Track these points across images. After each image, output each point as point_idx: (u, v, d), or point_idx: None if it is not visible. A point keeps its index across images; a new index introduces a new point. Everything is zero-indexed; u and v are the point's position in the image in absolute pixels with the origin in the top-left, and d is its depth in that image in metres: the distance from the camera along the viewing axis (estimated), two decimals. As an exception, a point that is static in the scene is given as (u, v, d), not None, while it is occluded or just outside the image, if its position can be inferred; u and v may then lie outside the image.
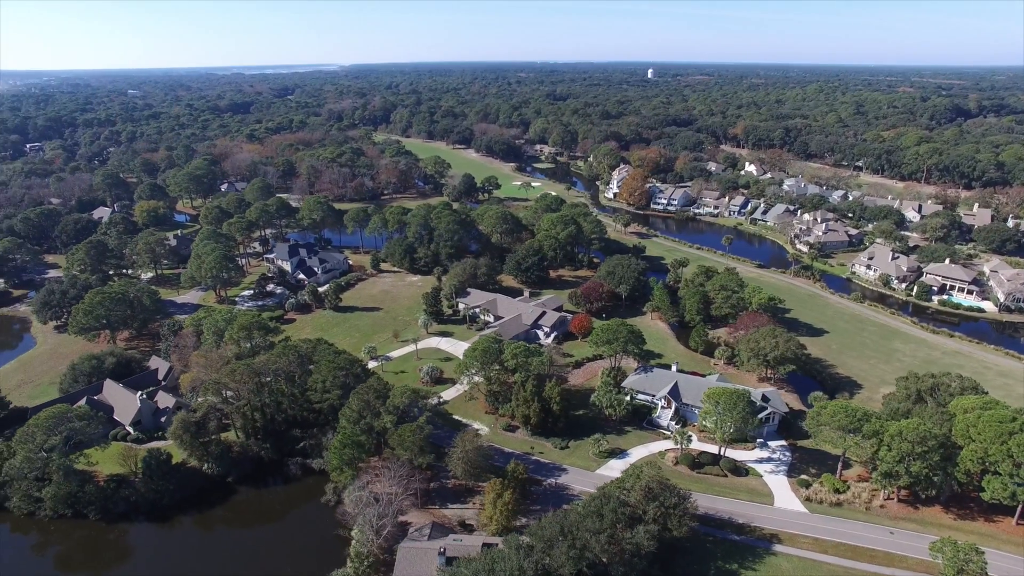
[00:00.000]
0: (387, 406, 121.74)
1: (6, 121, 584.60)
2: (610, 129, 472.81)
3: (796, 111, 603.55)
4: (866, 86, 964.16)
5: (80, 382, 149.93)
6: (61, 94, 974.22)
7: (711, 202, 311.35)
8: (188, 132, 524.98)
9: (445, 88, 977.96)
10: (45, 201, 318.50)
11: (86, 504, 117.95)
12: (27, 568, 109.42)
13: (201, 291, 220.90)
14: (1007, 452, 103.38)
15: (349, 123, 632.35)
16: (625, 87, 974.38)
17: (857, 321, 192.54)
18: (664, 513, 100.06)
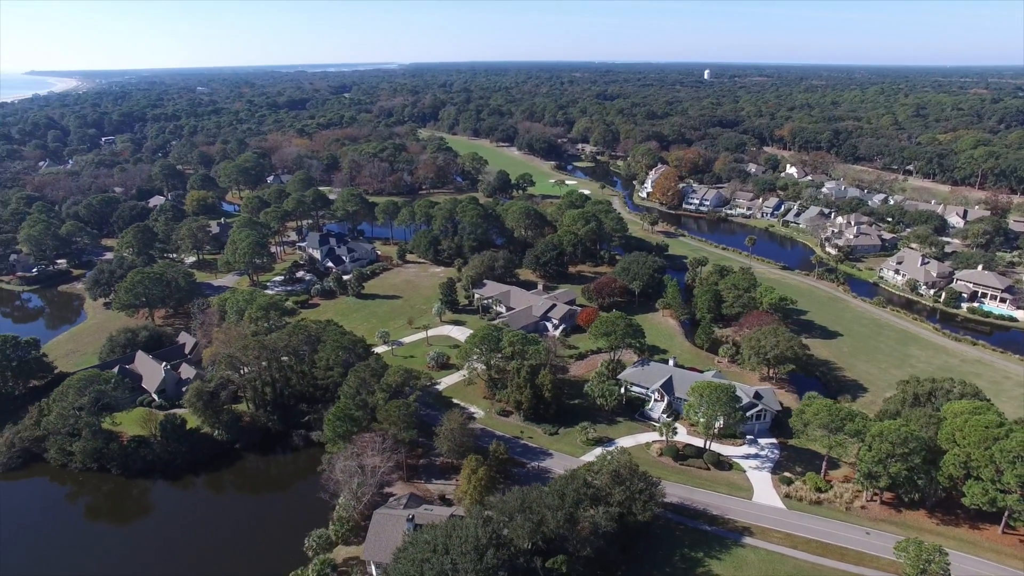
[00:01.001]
0: (381, 384, 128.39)
1: (86, 116, 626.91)
2: (653, 129, 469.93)
3: (850, 113, 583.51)
4: (935, 88, 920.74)
5: (116, 352, 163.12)
6: (138, 91, 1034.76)
7: (744, 203, 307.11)
8: (244, 127, 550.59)
9: (496, 87, 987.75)
10: (109, 190, 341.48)
11: (110, 460, 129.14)
12: (62, 515, 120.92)
13: (237, 276, 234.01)
14: (989, 457, 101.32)
15: (398, 120, 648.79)
16: (678, 87, 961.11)
17: (875, 326, 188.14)
18: (629, 497, 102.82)
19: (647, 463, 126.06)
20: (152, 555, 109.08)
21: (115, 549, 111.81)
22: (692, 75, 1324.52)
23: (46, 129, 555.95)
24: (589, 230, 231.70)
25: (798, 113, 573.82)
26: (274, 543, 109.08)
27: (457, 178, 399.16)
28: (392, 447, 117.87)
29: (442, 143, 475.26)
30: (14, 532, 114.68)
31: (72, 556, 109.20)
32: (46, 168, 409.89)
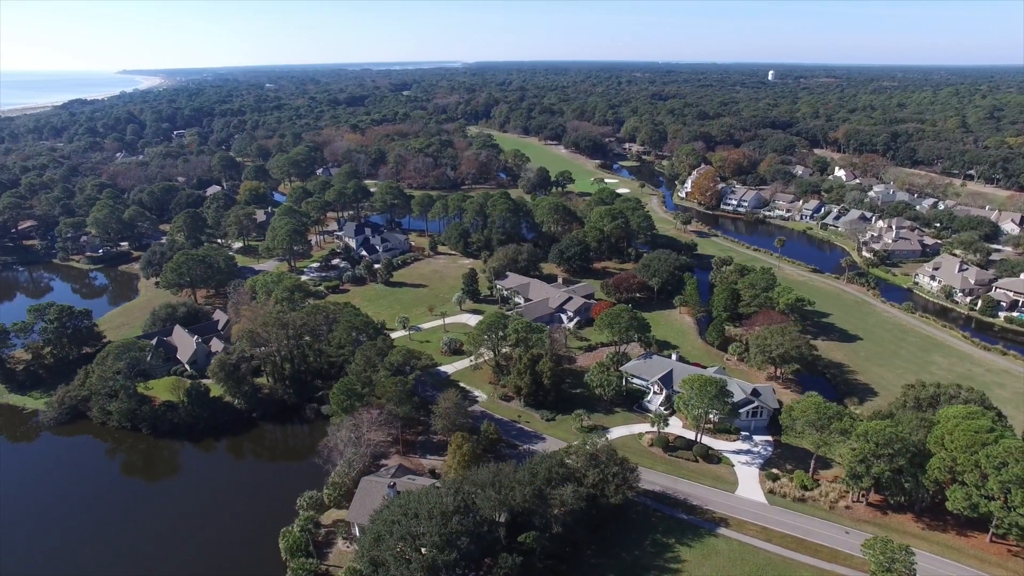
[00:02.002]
0: (384, 363, 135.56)
1: (162, 112, 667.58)
2: (701, 129, 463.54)
3: (915, 115, 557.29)
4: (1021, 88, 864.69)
5: (157, 325, 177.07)
6: (211, 88, 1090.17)
7: (784, 205, 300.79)
8: (303, 122, 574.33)
9: (553, 86, 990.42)
10: (173, 179, 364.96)
11: (142, 420, 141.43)
12: (102, 468, 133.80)
13: (277, 261, 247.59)
14: (975, 462, 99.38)
15: (451, 117, 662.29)
16: (738, 88, 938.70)
17: (899, 331, 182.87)
18: (603, 479, 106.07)
19: (637, 452, 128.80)
20: (170, 507, 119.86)
21: (144, 499, 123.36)
22: (755, 76, 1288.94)
23: (126, 123, 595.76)
24: (615, 227, 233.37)
25: (858, 115, 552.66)
26: (277, 502, 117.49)
27: (501, 174, 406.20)
28: (388, 420, 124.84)
29: (489, 140, 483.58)
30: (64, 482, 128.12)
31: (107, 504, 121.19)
32: (121, 159, 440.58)
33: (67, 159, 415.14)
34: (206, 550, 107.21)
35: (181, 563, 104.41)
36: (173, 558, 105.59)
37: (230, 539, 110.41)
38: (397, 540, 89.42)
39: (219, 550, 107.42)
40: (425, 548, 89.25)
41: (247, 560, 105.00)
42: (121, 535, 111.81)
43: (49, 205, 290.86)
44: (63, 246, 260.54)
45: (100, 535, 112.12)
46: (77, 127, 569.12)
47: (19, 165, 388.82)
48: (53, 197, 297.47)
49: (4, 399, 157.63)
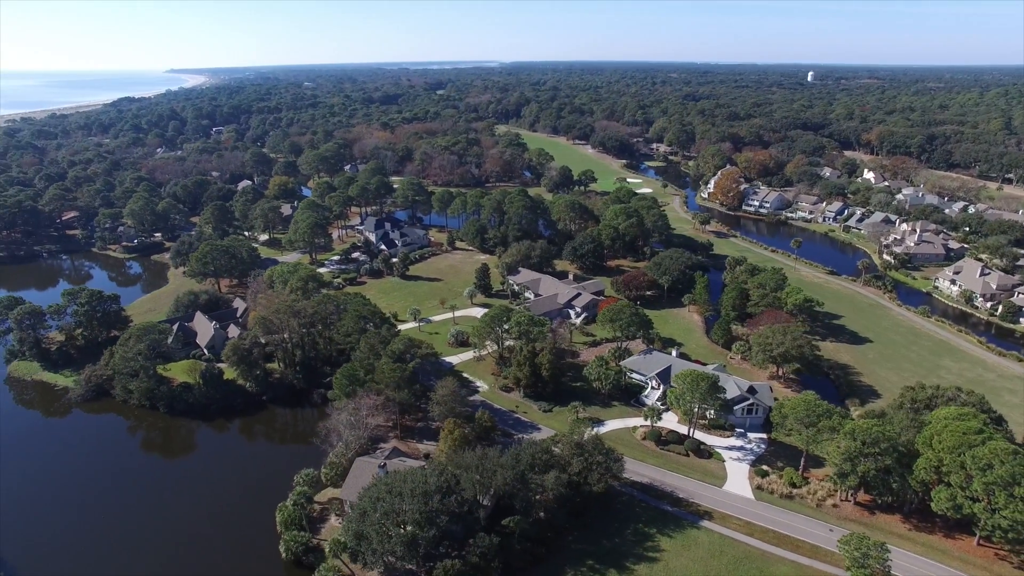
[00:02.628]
0: (387, 350, 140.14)
1: (202, 109, 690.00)
2: (730, 130, 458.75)
3: (957, 117, 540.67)
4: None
5: (180, 311, 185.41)
6: (251, 86, 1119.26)
7: (807, 207, 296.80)
8: (336, 119, 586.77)
9: (586, 86, 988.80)
10: (208, 174, 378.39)
11: (159, 399, 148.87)
12: (122, 442, 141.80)
13: (300, 253, 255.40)
14: (961, 463, 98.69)
15: (482, 116, 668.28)
16: (774, 89, 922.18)
17: (912, 334, 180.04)
18: (586, 467, 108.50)
19: (629, 445, 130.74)
20: (181, 480, 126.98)
21: (157, 472, 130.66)
22: (794, 77, 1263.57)
23: (168, 120, 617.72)
24: (629, 225, 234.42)
25: (895, 117, 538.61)
26: (279, 480, 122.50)
27: (526, 173, 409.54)
28: (387, 406, 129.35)
29: (517, 139, 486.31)
30: (87, 453, 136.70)
31: (123, 475, 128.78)
32: (161, 154, 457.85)
33: (111, 154, 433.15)
34: (210, 521, 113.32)
35: (186, 531, 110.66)
36: (180, 526, 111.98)
37: (233, 512, 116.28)
38: (380, 516, 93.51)
39: (222, 521, 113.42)
40: (406, 525, 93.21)
41: (246, 531, 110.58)
42: (135, 504, 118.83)
43: (91, 197, 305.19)
44: (101, 236, 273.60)
45: (116, 503, 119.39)
46: (123, 124, 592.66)
47: (67, 159, 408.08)
48: (95, 189, 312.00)
49: (39, 376, 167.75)
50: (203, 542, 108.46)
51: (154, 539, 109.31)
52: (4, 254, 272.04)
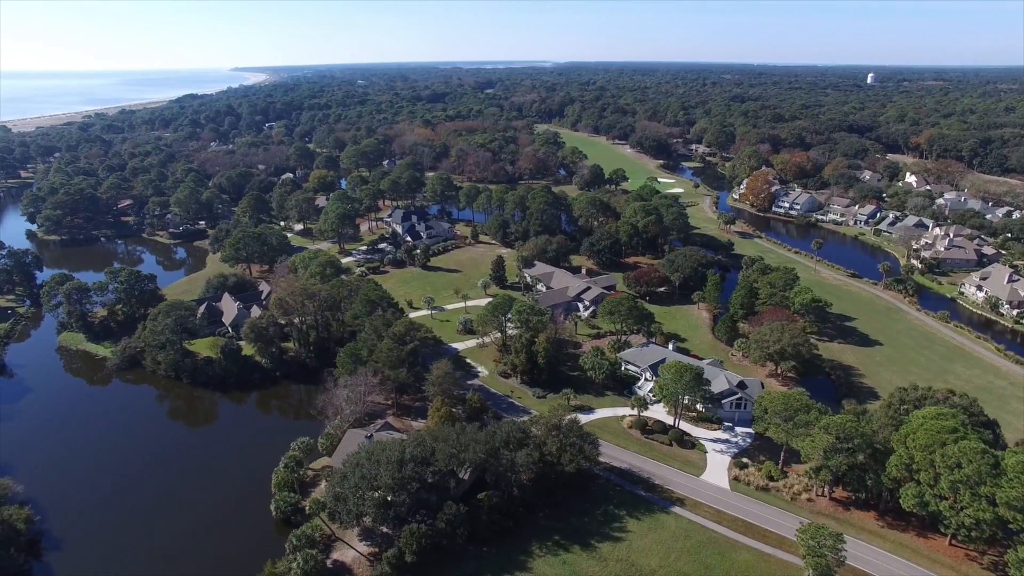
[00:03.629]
0: (389, 332, 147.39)
1: (256, 105, 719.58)
2: (771, 132, 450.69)
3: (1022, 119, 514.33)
4: None
5: (209, 292, 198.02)
6: (306, 84, 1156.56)
7: (839, 209, 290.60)
8: (382, 116, 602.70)
9: (634, 87, 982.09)
10: (254, 166, 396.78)
11: (183, 371, 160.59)
12: (153, 412, 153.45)
13: (330, 243, 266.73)
14: (930, 461, 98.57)
15: (525, 115, 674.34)
16: (828, 91, 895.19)
17: (925, 339, 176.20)
18: (560, 448, 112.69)
19: (615, 432, 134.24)
20: (194, 442, 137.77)
21: (175, 435, 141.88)
22: (853, 78, 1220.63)
23: (224, 116, 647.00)
24: (648, 222, 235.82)
25: (951, 120, 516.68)
26: (281, 447, 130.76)
27: (561, 171, 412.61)
28: (384, 383, 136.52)
29: (555, 137, 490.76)
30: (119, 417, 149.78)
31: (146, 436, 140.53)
32: (214, 147, 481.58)
33: (168, 147, 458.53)
34: (216, 480, 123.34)
35: (194, 486, 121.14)
36: (189, 482, 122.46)
37: (236, 473, 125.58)
38: (358, 480, 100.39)
39: (226, 481, 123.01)
40: (381, 489, 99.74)
41: (245, 491, 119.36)
42: (152, 460, 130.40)
43: (144, 186, 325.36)
44: (150, 222, 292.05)
45: (137, 459, 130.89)
46: (183, 119, 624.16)
47: (128, 152, 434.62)
48: (148, 179, 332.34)
49: (82, 346, 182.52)
50: (206, 497, 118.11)
51: (164, 491, 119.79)
52: (67, 237, 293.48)
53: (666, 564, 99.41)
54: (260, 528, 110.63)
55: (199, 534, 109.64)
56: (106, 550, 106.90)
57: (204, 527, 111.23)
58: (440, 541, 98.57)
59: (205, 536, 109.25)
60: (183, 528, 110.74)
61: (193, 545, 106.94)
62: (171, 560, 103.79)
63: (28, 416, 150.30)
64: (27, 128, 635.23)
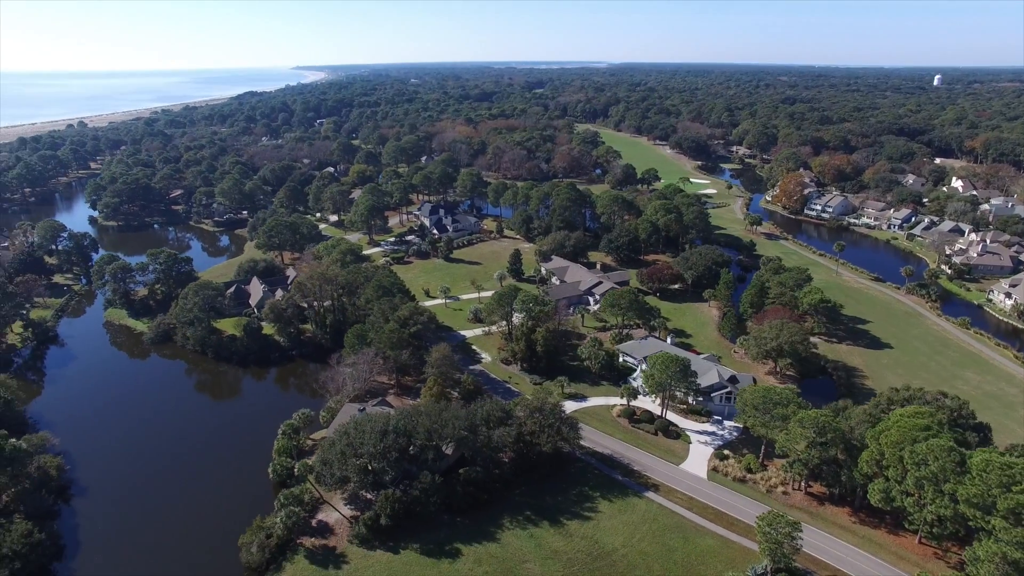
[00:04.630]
0: (394, 316, 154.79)
1: (309, 102, 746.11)
2: (815, 134, 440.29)
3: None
4: None
5: (240, 276, 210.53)
6: (359, 82, 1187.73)
7: (873, 213, 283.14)
8: (427, 114, 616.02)
9: (683, 88, 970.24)
10: (299, 160, 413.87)
11: (209, 346, 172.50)
12: (179, 382, 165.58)
13: (361, 233, 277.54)
14: (899, 457, 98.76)
15: (570, 115, 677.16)
16: (888, 94, 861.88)
17: (940, 344, 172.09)
18: (539, 428, 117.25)
19: (603, 420, 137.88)
20: (213, 410, 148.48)
21: (197, 401, 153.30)
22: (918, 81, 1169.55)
23: (278, 112, 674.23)
24: (668, 220, 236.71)
25: (1016, 123, 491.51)
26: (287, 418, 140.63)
27: (597, 170, 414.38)
28: (384, 362, 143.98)
29: (595, 137, 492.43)
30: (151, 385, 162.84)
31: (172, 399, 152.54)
32: (264, 142, 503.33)
33: (223, 141, 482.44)
34: (226, 444, 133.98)
35: (206, 449, 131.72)
36: (203, 445, 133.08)
37: (245, 440, 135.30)
38: (343, 447, 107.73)
39: (235, 446, 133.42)
40: (363, 457, 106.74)
41: (250, 455, 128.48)
42: (175, 423, 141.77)
43: (194, 177, 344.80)
44: (196, 211, 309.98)
45: (162, 423, 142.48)
46: (239, 115, 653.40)
47: (184, 145, 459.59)
48: (198, 171, 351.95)
49: (124, 321, 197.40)
50: (216, 459, 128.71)
51: (180, 452, 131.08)
52: (123, 223, 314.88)
53: (629, 544, 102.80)
54: (259, 488, 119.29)
55: (205, 490, 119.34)
56: (123, 498, 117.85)
57: (211, 484, 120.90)
58: (414, 508, 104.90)
59: (210, 492, 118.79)
60: (192, 484, 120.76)
61: (199, 499, 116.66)
62: (176, 510, 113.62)
63: (71, 380, 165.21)
64: (101, 123, 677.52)
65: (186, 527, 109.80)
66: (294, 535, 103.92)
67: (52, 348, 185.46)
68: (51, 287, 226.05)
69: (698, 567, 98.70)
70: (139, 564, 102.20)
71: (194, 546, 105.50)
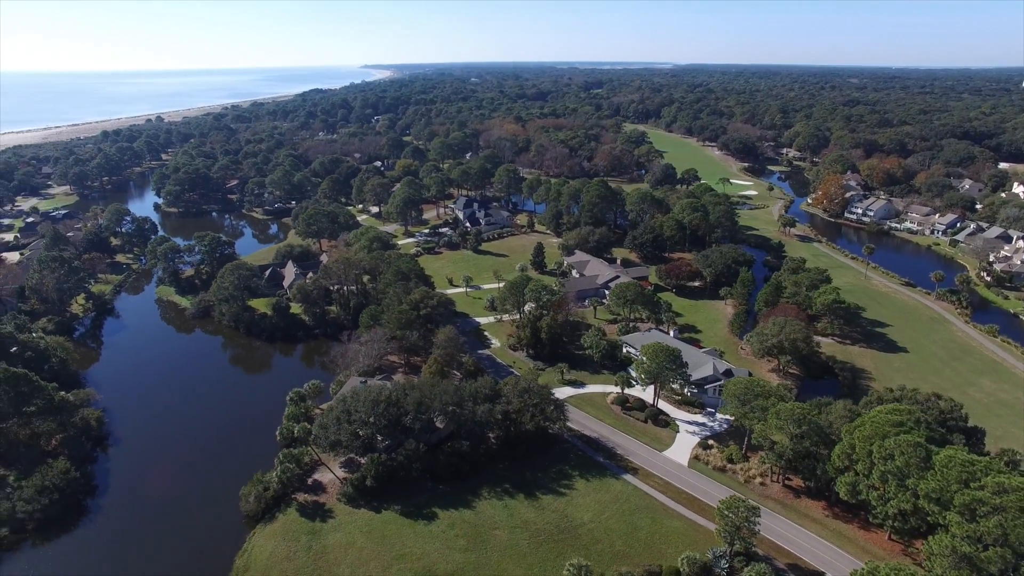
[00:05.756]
0: (407, 299, 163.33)
1: (368, 99, 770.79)
2: (868, 137, 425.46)
3: None
4: None
5: (277, 260, 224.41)
6: (420, 80, 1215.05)
7: (917, 217, 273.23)
8: (480, 112, 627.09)
9: (742, 89, 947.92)
10: (350, 154, 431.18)
11: (241, 322, 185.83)
12: (213, 353, 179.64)
13: (398, 224, 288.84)
14: (869, 451, 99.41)
15: (622, 115, 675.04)
16: (964, 96, 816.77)
17: (960, 351, 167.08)
18: (523, 407, 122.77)
19: (596, 406, 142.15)
20: (240, 376, 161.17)
21: (225, 366, 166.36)
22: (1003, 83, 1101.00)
23: (338, 108, 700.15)
24: (693, 218, 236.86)
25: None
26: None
27: (641, 171, 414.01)
28: (394, 341, 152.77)
29: (642, 137, 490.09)
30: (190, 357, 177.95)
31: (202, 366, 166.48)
32: (321, 136, 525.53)
33: (282, 135, 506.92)
34: (245, 409, 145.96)
35: (228, 410, 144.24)
36: (225, 409, 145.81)
37: (262, 406, 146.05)
38: (339, 413, 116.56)
39: (252, 411, 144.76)
40: (356, 423, 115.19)
41: (263, 419, 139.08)
42: (202, 390, 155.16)
43: (249, 168, 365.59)
44: (248, 200, 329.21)
45: (191, 387, 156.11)
46: (300, 111, 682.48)
47: (245, 138, 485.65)
48: (254, 163, 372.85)
49: (172, 298, 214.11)
50: (235, 421, 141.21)
51: (204, 414, 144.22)
52: (183, 210, 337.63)
53: (597, 520, 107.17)
54: (268, 449, 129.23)
55: (221, 448, 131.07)
56: (150, 449, 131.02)
57: (227, 443, 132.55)
58: (398, 472, 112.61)
59: (225, 450, 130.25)
60: (210, 442, 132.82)
61: (214, 455, 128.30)
62: (194, 463, 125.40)
63: (120, 348, 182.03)
64: (176, 118, 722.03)
65: (200, 478, 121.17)
66: (289, 490, 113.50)
67: (109, 319, 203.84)
68: (113, 265, 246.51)
69: (660, 545, 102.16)
70: (156, 505, 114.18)
71: (204, 494, 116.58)
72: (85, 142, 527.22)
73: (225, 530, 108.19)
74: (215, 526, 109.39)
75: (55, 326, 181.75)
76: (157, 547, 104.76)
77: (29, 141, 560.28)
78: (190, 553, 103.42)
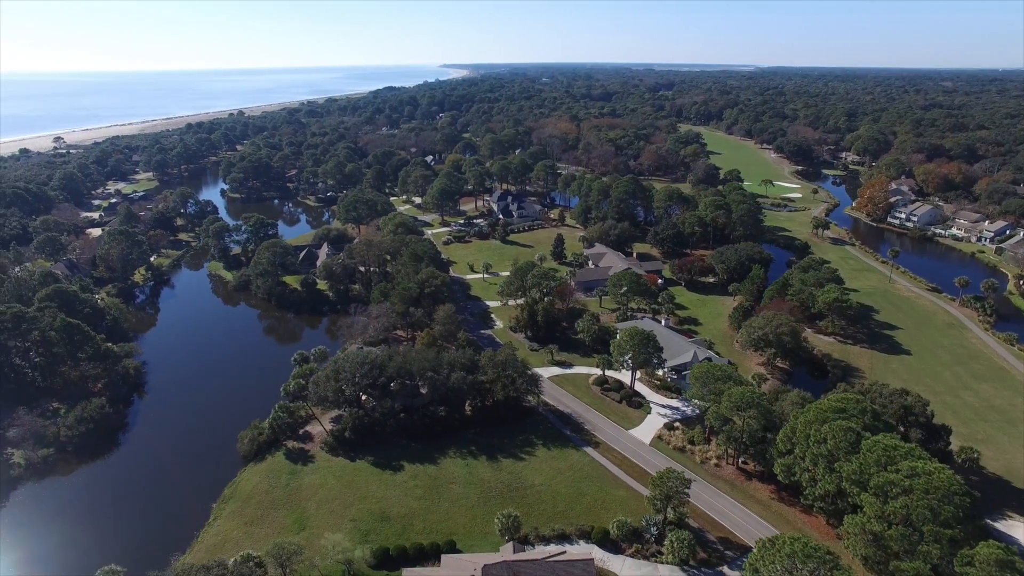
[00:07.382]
0: (415, 279, 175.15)
1: (435, 97, 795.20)
2: (935, 141, 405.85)
3: None
4: None
5: (315, 241, 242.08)
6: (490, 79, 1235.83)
7: (964, 224, 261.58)
8: (539, 111, 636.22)
9: (817, 92, 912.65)
10: (407, 148, 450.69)
11: (274, 296, 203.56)
12: (251, 324, 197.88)
13: (436, 215, 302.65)
14: (807, 436, 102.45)
15: (684, 116, 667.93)
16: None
17: (968, 357, 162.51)
18: (497, 377, 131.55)
19: (578, 385, 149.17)
20: (263, 340, 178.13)
21: (254, 331, 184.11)
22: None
23: (405, 106, 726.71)
24: (716, 216, 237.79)
25: None
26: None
27: (687, 171, 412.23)
28: (400, 315, 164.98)
29: (697, 138, 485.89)
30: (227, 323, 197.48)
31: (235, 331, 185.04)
32: (384, 131, 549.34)
33: (347, 130, 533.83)
34: (263, 370, 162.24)
35: (248, 371, 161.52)
36: (246, 367, 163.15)
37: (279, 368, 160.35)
38: (330, 371, 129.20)
39: (269, 371, 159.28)
40: (342, 381, 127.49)
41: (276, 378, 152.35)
42: (233, 350, 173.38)
43: (307, 158, 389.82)
44: (303, 188, 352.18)
45: (222, 347, 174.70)
46: (369, 107, 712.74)
47: (311, 132, 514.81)
48: (313, 154, 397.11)
49: (220, 272, 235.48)
50: (251, 379, 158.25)
51: (230, 371, 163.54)
52: (246, 196, 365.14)
53: (547, 483, 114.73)
54: (274, 402, 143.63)
55: (235, 399, 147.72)
56: (175, 397, 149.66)
57: (242, 396, 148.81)
58: (374, 428, 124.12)
59: (237, 401, 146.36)
60: (229, 394, 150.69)
61: (227, 404, 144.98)
62: (211, 410, 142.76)
63: (168, 312, 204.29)
64: (255, 113, 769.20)
65: (213, 423, 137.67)
66: (280, 437, 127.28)
67: (165, 289, 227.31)
68: (175, 243, 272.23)
69: (599, 511, 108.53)
70: (172, 441, 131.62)
71: (213, 436, 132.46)
72: (172, 133, 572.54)
73: (224, 466, 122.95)
74: (217, 462, 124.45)
75: (117, 291, 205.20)
76: (165, 475, 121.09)
77: (126, 132, 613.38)
78: (191, 481, 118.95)
